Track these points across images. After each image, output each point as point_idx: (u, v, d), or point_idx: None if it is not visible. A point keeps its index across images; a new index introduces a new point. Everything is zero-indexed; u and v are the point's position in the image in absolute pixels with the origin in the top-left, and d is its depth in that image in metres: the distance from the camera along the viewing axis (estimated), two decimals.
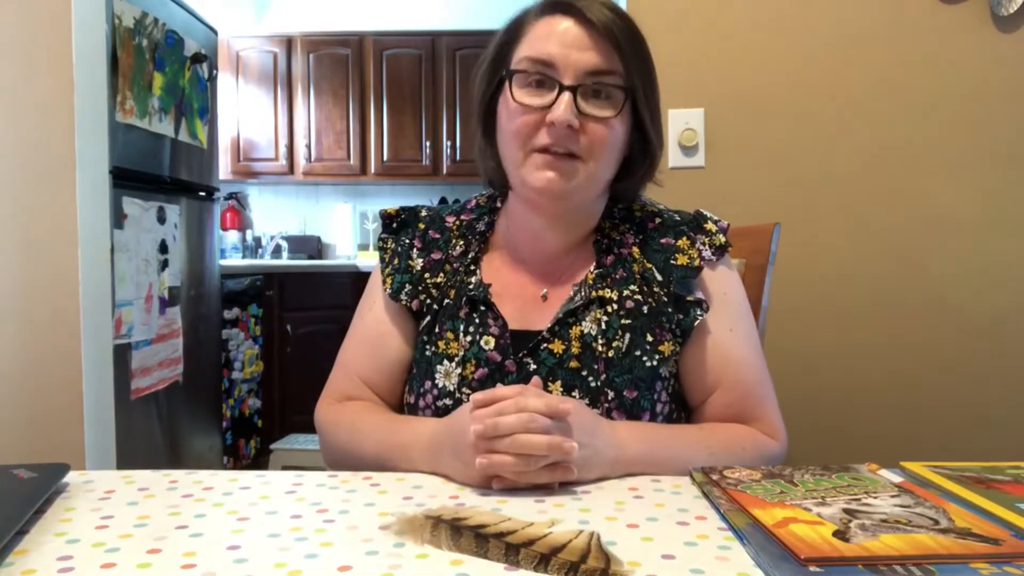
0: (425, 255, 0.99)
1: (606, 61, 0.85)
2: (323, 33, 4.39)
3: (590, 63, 0.85)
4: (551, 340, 0.89)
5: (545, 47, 0.86)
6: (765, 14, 1.75)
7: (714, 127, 1.76)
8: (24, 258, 1.89)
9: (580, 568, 0.53)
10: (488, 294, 0.93)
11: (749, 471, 0.73)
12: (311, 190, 4.74)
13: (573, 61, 0.85)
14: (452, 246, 0.99)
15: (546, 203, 0.90)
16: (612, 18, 0.86)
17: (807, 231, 1.73)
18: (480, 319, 0.92)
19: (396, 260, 1.00)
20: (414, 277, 0.97)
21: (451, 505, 0.67)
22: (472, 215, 1.02)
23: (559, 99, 0.84)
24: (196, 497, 0.69)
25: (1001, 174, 1.71)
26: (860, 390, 1.74)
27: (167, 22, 2.49)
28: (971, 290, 1.71)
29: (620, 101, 0.87)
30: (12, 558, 0.56)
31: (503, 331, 0.90)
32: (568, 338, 0.88)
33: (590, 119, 0.85)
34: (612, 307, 0.90)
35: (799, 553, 0.53)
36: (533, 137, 0.86)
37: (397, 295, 0.97)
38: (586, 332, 0.88)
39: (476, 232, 1.00)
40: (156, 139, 2.45)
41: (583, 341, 0.88)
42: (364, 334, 1.00)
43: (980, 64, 1.70)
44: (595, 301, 0.90)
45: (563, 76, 0.85)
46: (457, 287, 0.95)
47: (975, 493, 0.66)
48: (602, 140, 0.86)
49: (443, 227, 1.01)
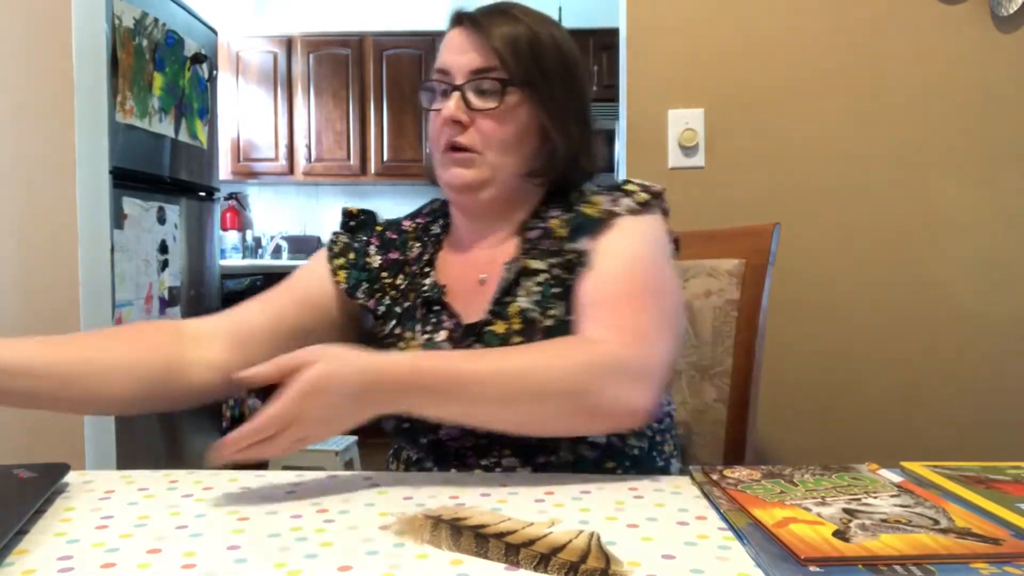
0: (383, 253, 1.02)
1: (486, 60, 0.91)
2: (323, 33, 4.39)
3: (472, 63, 0.91)
4: (494, 322, 0.90)
5: (443, 57, 0.94)
6: (765, 14, 1.75)
7: (714, 127, 1.76)
8: (24, 258, 1.89)
9: (580, 568, 0.53)
10: (442, 294, 0.95)
11: (749, 471, 0.73)
12: (311, 190, 4.74)
13: (460, 63, 0.92)
14: (409, 248, 1.02)
15: (459, 198, 0.95)
16: (500, 22, 0.92)
17: (807, 231, 1.73)
18: (436, 318, 0.95)
19: (352, 255, 1.01)
20: (371, 275, 1.00)
21: (451, 505, 0.67)
22: (428, 218, 1.06)
23: (450, 97, 0.91)
24: (196, 497, 0.69)
25: (1001, 174, 1.71)
26: (860, 390, 1.74)
27: (167, 22, 2.49)
28: (971, 290, 1.71)
29: (500, 92, 0.91)
30: (12, 558, 0.56)
31: (456, 326, 0.93)
32: (508, 316, 0.90)
33: (477, 113, 0.91)
34: (543, 277, 0.90)
35: (799, 553, 0.53)
36: (440, 139, 0.93)
37: (354, 292, 0.99)
38: (524, 307, 0.89)
39: (431, 234, 1.03)
40: (156, 139, 2.45)
41: (523, 317, 0.89)
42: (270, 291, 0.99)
43: (980, 64, 1.70)
44: (527, 274, 0.91)
45: (454, 78, 0.92)
46: (415, 290, 0.98)
47: (975, 493, 0.66)
48: (491, 130, 0.91)
49: (400, 230, 1.05)
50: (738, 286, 1.23)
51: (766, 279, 1.21)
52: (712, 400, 1.23)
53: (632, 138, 1.79)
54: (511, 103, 0.91)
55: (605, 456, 0.88)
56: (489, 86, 0.91)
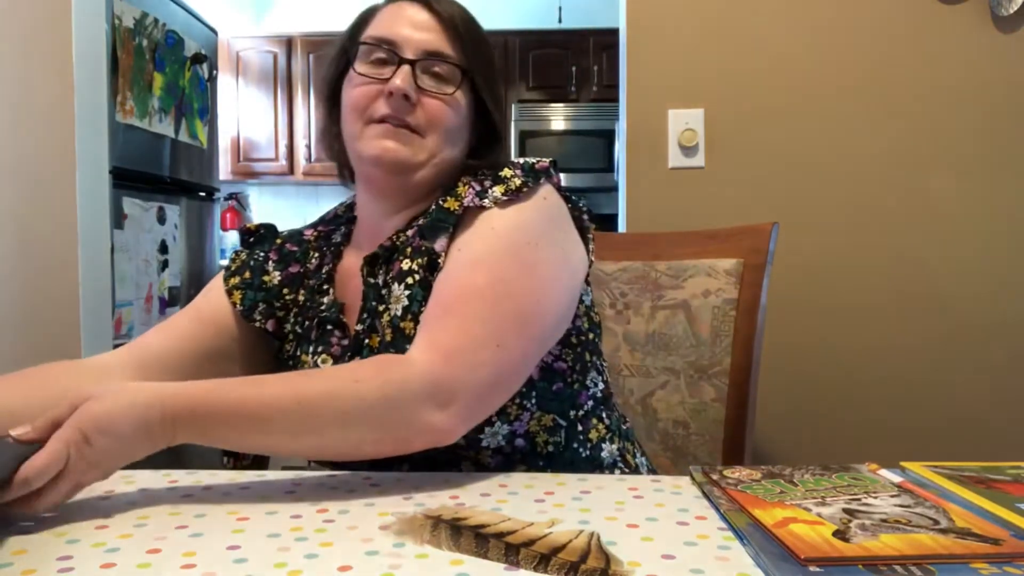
0: (282, 268, 0.96)
1: (445, 44, 0.89)
2: (323, 33, 4.39)
3: (430, 43, 0.88)
4: (369, 335, 0.85)
5: (390, 27, 0.89)
6: (765, 15, 1.75)
7: (714, 127, 1.76)
8: (24, 258, 1.89)
9: (580, 568, 0.53)
10: (340, 312, 0.90)
11: (749, 471, 0.73)
12: (311, 190, 4.73)
13: (415, 40, 0.88)
14: (309, 258, 0.97)
15: (382, 176, 0.88)
16: (456, 9, 0.91)
17: (806, 231, 1.74)
18: (328, 337, 0.89)
19: (248, 274, 0.95)
20: (271, 293, 0.94)
21: (451, 505, 0.67)
22: (330, 226, 1.01)
23: (399, 70, 0.86)
24: (196, 497, 0.69)
25: (1001, 174, 1.71)
26: (860, 390, 1.74)
27: (167, 22, 2.49)
28: (971, 290, 1.72)
29: (458, 79, 0.89)
30: (12, 558, 0.56)
31: (344, 345, 0.88)
32: (380, 328, 0.85)
33: (427, 94, 0.87)
34: (411, 279, 0.84)
35: (799, 553, 0.53)
36: (371, 108, 0.87)
37: (250, 314, 0.93)
38: (393, 315, 0.84)
39: (332, 243, 0.98)
40: (156, 139, 2.45)
41: (393, 326, 0.83)
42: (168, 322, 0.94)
43: (980, 64, 1.70)
44: (397, 277, 0.85)
45: (404, 52, 0.87)
46: (314, 308, 0.93)
47: (975, 493, 0.66)
48: (440, 114, 0.87)
49: (300, 240, 0.99)
50: (736, 285, 1.23)
51: (764, 278, 1.21)
52: (711, 399, 1.23)
53: (632, 138, 1.79)
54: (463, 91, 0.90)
55: (512, 460, 0.85)
56: (444, 71, 0.88)
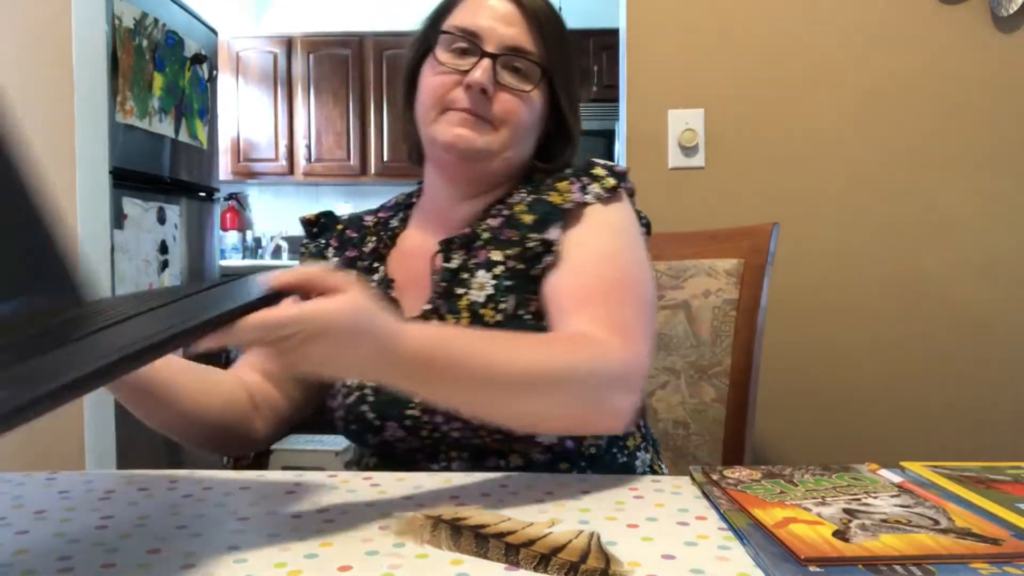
0: (340, 254, 0.98)
1: (527, 40, 0.89)
2: (323, 33, 4.39)
3: (513, 38, 0.88)
4: (442, 315, 0.86)
5: (474, 19, 0.89)
6: (765, 15, 1.75)
7: (714, 127, 1.76)
8: None
9: (580, 568, 0.53)
10: (390, 288, 0.91)
11: (749, 471, 0.73)
12: (311, 190, 4.74)
13: (499, 34, 0.88)
14: (366, 243, 0.98)
15: (453, 161, 0.90)
16: (541, 5, 0.91)
17: (806, 231, 1.74)
18: None
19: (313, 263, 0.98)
20: None
21: (451, 505, 0.67)
22: (389, 212, 1.02)
23: (479, 64, 0.87)
24: (196, 497, 0.69)
25: (1001, 174, 1.71)
26: (860, 390, 1.74)
27: (167, 22, 2.49)
28: (971, 290, 1.71)
29: (537, 77, 0.89)
30: (12, 558, 0.56)
31: None
32: (457, 310, 0.85)
33: (505, 89, 0.88)
34: (499, 269, 0.86)
35: (799, 553, 0.53)
36: (448, 97, 0.88)
37: None
38: (474, 300, 0.85)
39: (389, 228, 0.99)
40: (156, 139, 2.45)
41: (472, 310, 0.85)
42: None
43: (980, 64, 1.70)
44: (483, 265, 0.86)
45: (486, 45, 0.88)
46: None
47: (975, 493, 0.66)
48: (515, 110, 0.88)
49: (360, 226, 1.01)
50: (737, 286, 1.23)
51: (765, 279, 1.21)
52: (711, 400, 1.23)
53: (632, 138, 1.79)
54: (541, 89, 0.90)
55: (559, 459, 0.85)
56: (524, 67, 0.89)
